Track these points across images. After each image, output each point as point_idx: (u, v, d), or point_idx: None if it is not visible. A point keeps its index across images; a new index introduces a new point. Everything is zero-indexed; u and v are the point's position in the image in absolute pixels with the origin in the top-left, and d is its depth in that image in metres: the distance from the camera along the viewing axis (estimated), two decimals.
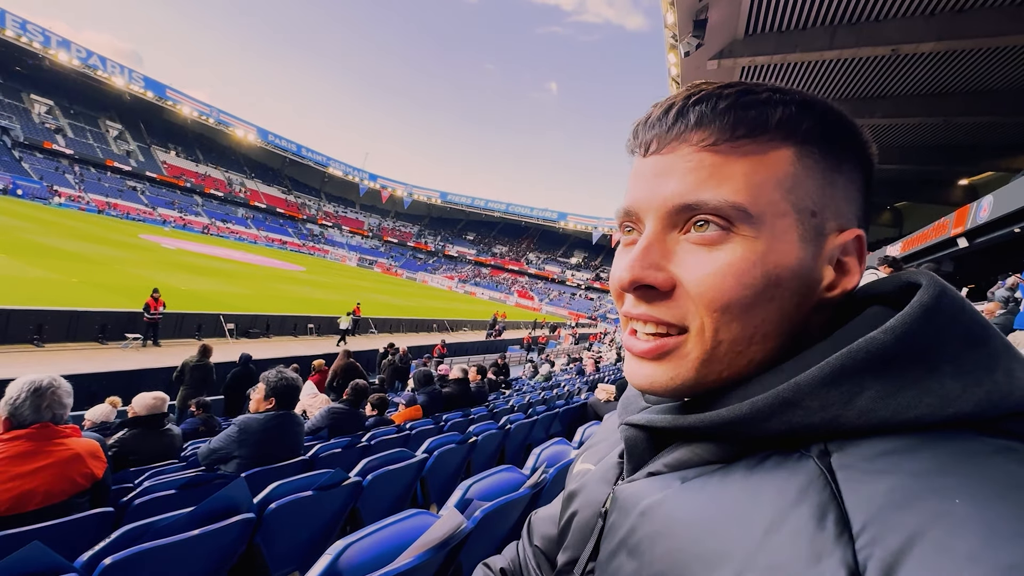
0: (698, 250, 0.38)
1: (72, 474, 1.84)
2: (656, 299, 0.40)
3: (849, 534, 0.27)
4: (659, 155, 0.41)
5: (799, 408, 0.33)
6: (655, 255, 0.40)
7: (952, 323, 0.32)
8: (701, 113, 0.39)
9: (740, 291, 0.37)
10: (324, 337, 15.93)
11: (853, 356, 0.32)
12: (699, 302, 0.38)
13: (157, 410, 3.12)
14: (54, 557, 1.20)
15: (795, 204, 0.38)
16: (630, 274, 0.39)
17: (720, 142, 0.38)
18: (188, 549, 1.50)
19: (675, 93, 0.42)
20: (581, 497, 0.54)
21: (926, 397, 0.30)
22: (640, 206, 0.41)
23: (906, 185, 20.09)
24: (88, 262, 17.83)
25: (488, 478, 1.62)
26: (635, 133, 0.43)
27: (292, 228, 64.73)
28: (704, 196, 0.37)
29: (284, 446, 2.72)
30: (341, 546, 1.07)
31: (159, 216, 47.31)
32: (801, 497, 0.30)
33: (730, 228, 0.37)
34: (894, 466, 0.28)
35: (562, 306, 54.33)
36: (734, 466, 0.36)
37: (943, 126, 13.75)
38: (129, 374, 8.28)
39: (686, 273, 0.38)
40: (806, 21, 10.05)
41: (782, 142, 0.38)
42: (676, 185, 0.39)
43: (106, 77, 50.92)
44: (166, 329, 11.66)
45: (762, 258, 0.37)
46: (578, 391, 7.46)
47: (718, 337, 0.38)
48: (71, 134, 50.76)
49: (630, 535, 0.40)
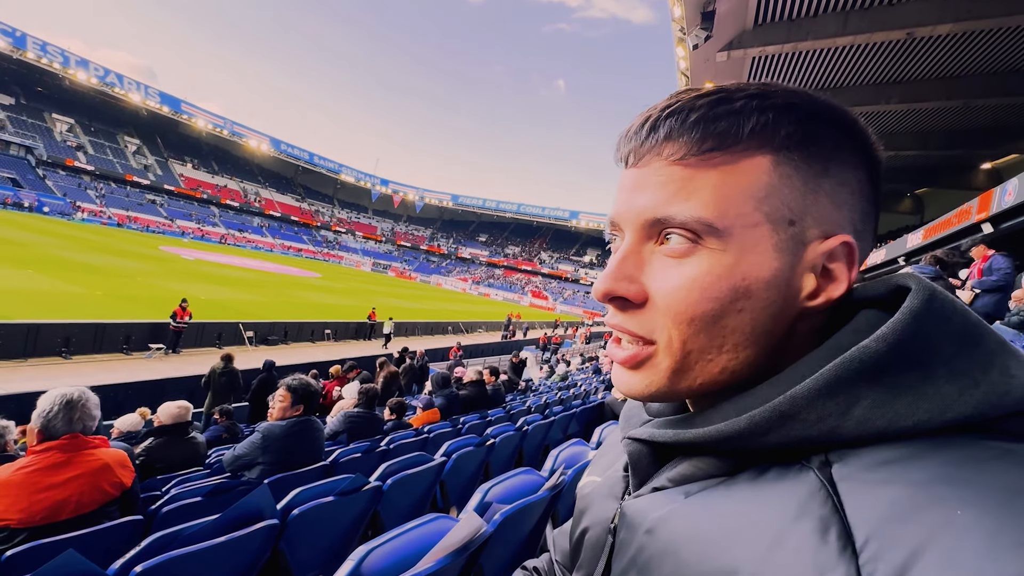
0: (668, 262, 0.39)
1: (102, 483, 1.89)
2: (629, 309, 0.41)
3: (852, 548, 0.26)
4: (636, 168, 0.41)
5: (796, 421, 0.32)
6: (629, 267, 0.41)
7: (943, 325, 0.32)
8: (671, 127, 0.39)
9: (706, 304, 0.37)
10: (341, 343, 16.11)
11: (847, 366, 0.32)
12: (666, 314, 0.38)
13: (181, 419, 3.19)
14: (88, 565, 1.23)
15: (769, 214, 0.37)
16: (604, 285, 0.41)
17: (688, 156, 0.38)
18: (215, 556, 1.53)
19: (655, 104, 0.43)
20: (590, 514, 0.54)
21: (923, 403, 0.30)
22: (620, 218, 0.43)
23: (926, 171, 19.57)
24: (112, 275, 18.29)
25: (506, 481, 1.62)
26: (618, 145, 0.44)
27: (307, 235, 65.62)
28: (671, 211, 0.38)
29: (306, 451, 2.76)
30: (364, 551, 1.08)
31: (178, 228, 48.36)
32: (803, 511, 0.30)
33: (697, 241, 0.38)
34: (895, 476, 0.28)
35: (576, 305, 54.14)
36: (737, 479, 0.36)
37: (962, 109, 13.37)
38: (153, 384, 8.48)
39: (656, 285, 0.39)
40: (817, 8, 9.85)
41: (756, 151, 0.37)
42: (648, 199, 0.39)
43: (123, 94, 52.24)
44: (187, 338, 11.92)
45: (729, 271, 0.37)
46: (595, 390, 7.43)
47: (686, 348, 0.38)
48: (91, 151, 52.25)
49: (639, 554, 0.40)
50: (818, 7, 9.80)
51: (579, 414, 4.75)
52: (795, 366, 0.36)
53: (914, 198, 24.17)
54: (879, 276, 0.40)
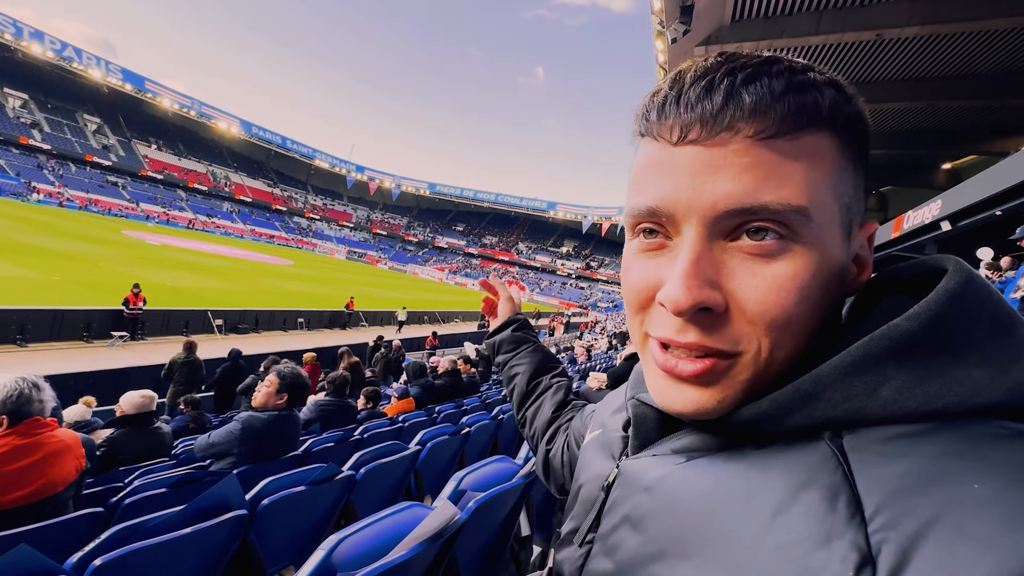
0: (754, 263, 0.34)
1: (66, 464, 1.89)
2: (709, 322, 0.34)
3: (861, 516, 0.26)
4: (701, 146, 0.34)
5: (821, 401, 0.31)
6: (708, 270, 0.34)
7: (978, 310, 0.31)
8: (759, 97, 0.33)
9: (800, 305, 0.33)
10: (315, 331, 15.84)
11: (876, 344, 0.30)
12: (758, 322, 0.33)
13: (145, 408, 3.08)
14: (42, 560, 1.18)
15: (839, 201, 0.35)
16: (688, 297, 0.33)
17: (780, 134, 0.33)
18: (180, 547, 1.49)
19: (700, 65, 0.36)
20: (588, 470, 0.54)
21: (954, 386, 0.29)
22: (677, 208, 0.35)
23: (891, 170, 20.28)
24: (71, 260, 17.49)
25: (481, 469, 1.62)
26: (660, 113, 0.36)
27: (279, 222, 63.99)
28: (765, 198, 0.32)
29: (282, 444, 2.71)
30: (335, 540, 1.06)
31: (142, 212, 46.48)
32: (811, 478, 0.29)
33: (790, 235, 0.33)
34: (909, 448, 0.28)
35: (553, 295, 54.45)
36: (743, 447, 0.35)
37: (927, 110, 13.88)
38: (116, 373, 8.17)
39: (741, 291, 0.34)
40: (792, 6, 10.03)
41: (828, 131, 0.34)
42: (729, 185, 0.33)
43: (82, 69, 49.57)
44: (153, 326, 11.53)
45: (820, 265, 0.34)
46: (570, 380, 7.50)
47: (773, 356, 0.34)
48: (48, 129, 49.54)
49: (634, 510, 0.40)
50: (793, 5, 9.98)
51: None
52: (819, 348, 0.35)
53: (879, 195, 25.04)
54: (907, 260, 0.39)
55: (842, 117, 0.34)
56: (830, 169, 0.34)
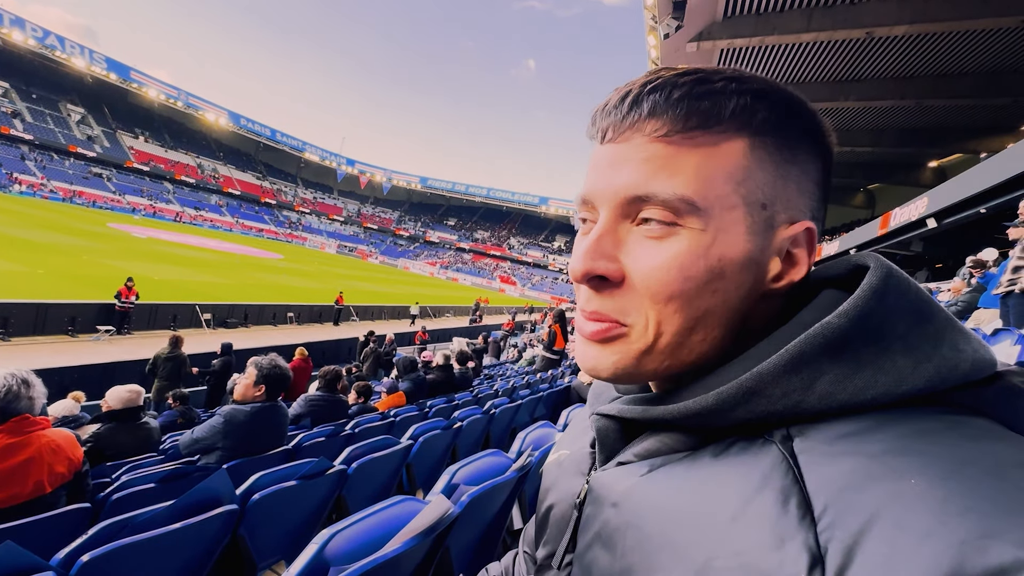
0: (647, 242, 0.38)
1: (57, 465, 1.84)
2: (606, 290, 0.40)
3: (811, 517, 0.27)
4: (614, 144, 0.40)
5: (762, 396, 0.33)
6: (607, 245, 0.40)
7: (900, 302, 0.33)
8: (655, 102, 0.38)
9: (683, 283, 0.37)
10: (305, 326, 15.73)
11: (811, 342, 0.32)
12: (644, 294, 0.38)
13: (132, 403, 3.04)
14: (28, 556, 1.17)
15: (745, 197, 0.38)
16: (583, 264, 0.39)
17: (673, 133, 0.37)
18: (169, 543, 1.47)
19: (634, 79, 0.41)
20: (556, 490, 0.54)
21: (881, 377, 0.31)
22: (595, 195, 0.41)
23: (879, 167, 20.53)
24: (55, 252, 17.19)
25: (474, 463, 1.62)
26: (593, 120, 0.43)
27: (268, 215, 63.32)
28: (654, 188, 0.37)
29: (269, 438, 2.68)
30: (328, 534, 1.06)
31: (128, 204, 45.72)
32: (765, 483, 0.30)
33: (677, 221, 0.37)
34: (853, 448, 0.29)
35: (545, 290, 54.54)
36: (700, 454, 0.36)
37: (914, 109, 14.04)
38: (102, 367, 8.06)
39: (635, 264, 0.39)
40: (784, 3, 10.08)
41: (735, 133, 0.38)
42: (629, 176, 0.38)
43: (65, 58, 48.55)
44: (140, 320, 11.38)
45: (707, 251, 0.37)
46: (561, 374, 7.53)
47: (660, 330, 0.38)
48: (30, 119, 48.41)
49: (604, 527, 0.41)
50: (784, 2, 10.03)
51: (546, 397, 4.81)
52: (760, 345, 0.37)
53: (866, 193, 25.31)
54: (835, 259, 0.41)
55: (756, 121, 0.38)
56: (732, 166, 0.37)
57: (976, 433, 0.28)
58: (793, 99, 0.39)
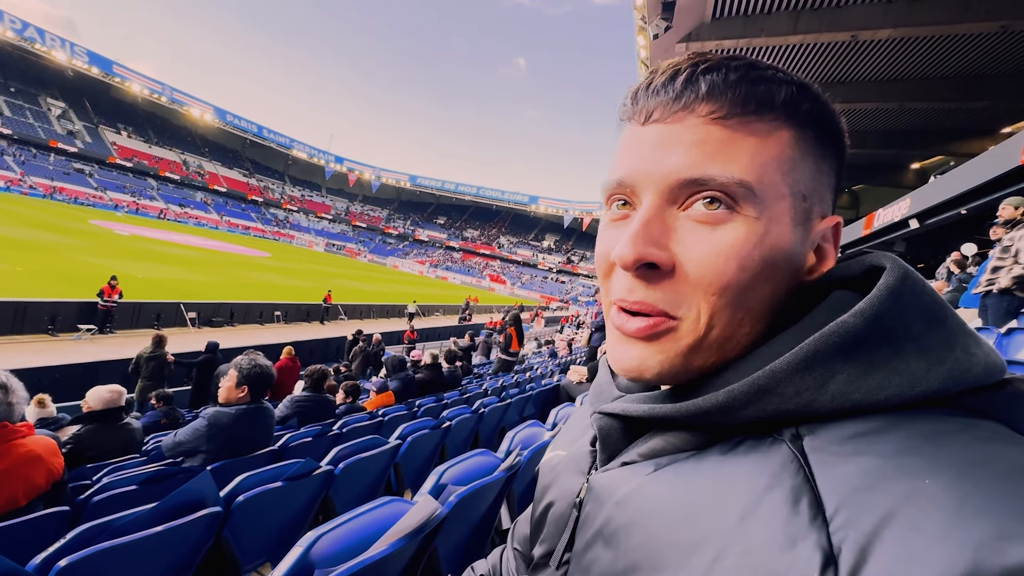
0: (700, 228, 0.37)
1: (34, 476, 1.75)
2: (656, 280, 0.38)
3: (823, 517, 0.27)
4: (662, 124, 0.38)
5: (774, 395, 0.33)
6: (656, 231, 0.37)
7: (915, 303, 0.33)
8: (713, 82, 0.37)
9: (739, 273, 0.36)
10: (292, 325, 15.57)
11: (825, 341, 0.32)
12: (697, 285, 0.36)
13: (113, 404, 2.98)
14: (2, 561, 1.14)
15: (792, 187, 0.37)
16: (633, 252, 0.37)
17: (731, 116, 0.36)
18: (151, 546, 1.45)
19: (674, 60, 0.40)
20: (555, 488, 0.53)
21: (894, 378, 0.31)
22: (638, 178, 0.39)
23: (863, 168, 20.83)
24: (34, 250, 16.82)
25: (462, 463, 1.61)
26: (634, 98, 0.41)
27: (255, 213, 62.53)
28: (712, 171, 0.36)
29: (254, 440, 2.63)
30: (313, 536, 1.05)
31: (110, 200, 44.80)
32: (775, 481, 0.30)
33: (734, 207, 0.36)
34: (865, 448, 0.29)
35: (534, 289, 54.58)
36: (708, 452, 0.36)
37: (897, 111, 14.27)
38: (84, 367, 7.90)
39: (686, 253, 0.37)
40: (771, 5, 10.17)
41: (784, 123, 0.37)
42: (681, 158, 0.37)
43: (45, 51, 47.42)
44: (123, 319, 11.19)
45: (761, 240, 0.36)
46: (550, 373, 7.54)
47: (712, 322, 0.37)
48: (8, 112, 47.33)
49: (606, 525, 0.40)
50: (772, 5, 10.13)
51: (535, 396, 4.81)
52: (772, 343, 0.36)
53: (851, 193, 25.71)
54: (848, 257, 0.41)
55: (800, 112, 0.37)
56: (781, 156, 0.37)
57: (988, 436, 0.28)
58: (824, 96, 0.39)
